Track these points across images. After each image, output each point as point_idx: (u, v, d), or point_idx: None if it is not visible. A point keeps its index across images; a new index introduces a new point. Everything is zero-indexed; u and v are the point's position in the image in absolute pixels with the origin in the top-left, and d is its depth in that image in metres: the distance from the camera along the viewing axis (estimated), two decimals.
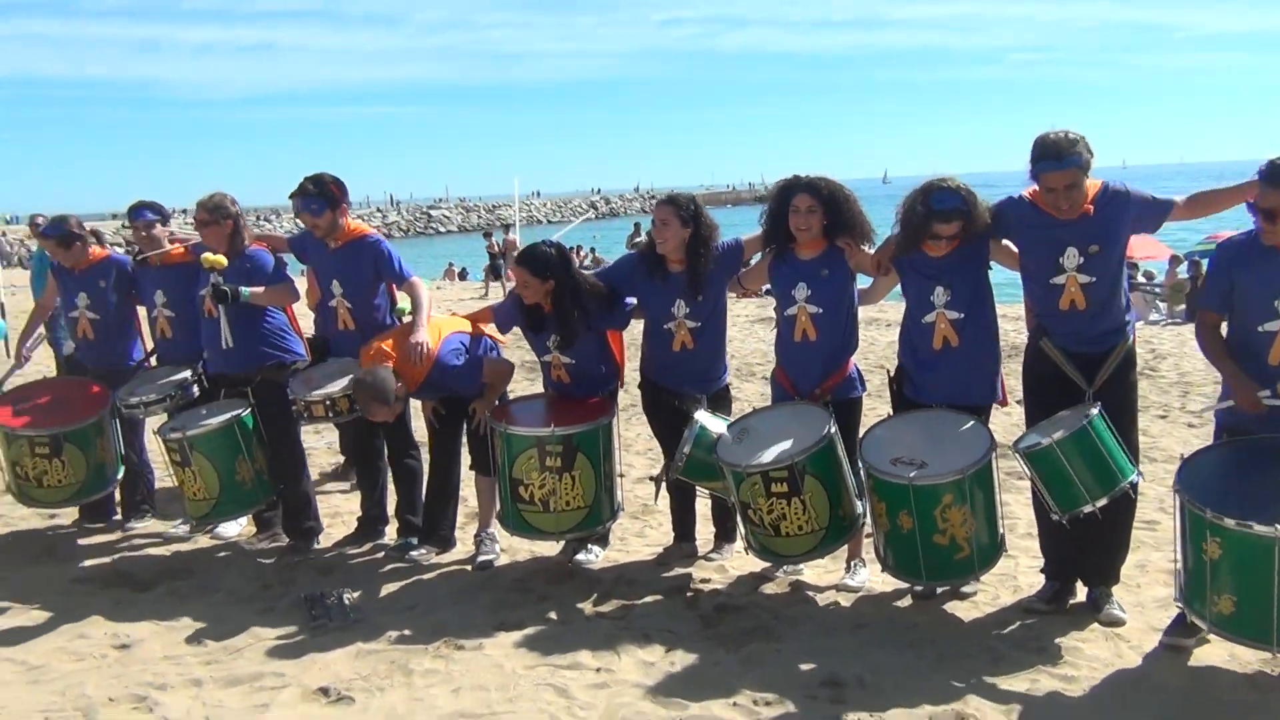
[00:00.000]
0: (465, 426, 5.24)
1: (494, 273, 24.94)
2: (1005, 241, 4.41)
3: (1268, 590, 3.45)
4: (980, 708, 3.56)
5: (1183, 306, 16.29)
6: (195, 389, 5.41)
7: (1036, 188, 4.17)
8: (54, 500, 5.53)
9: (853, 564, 4.80)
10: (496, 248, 29.72)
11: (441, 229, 74.72)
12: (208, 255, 5.12)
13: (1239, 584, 3.53)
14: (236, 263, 5.22)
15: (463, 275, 30.04)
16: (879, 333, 11.83)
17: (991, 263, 4.45)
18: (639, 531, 5.65)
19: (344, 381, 4.97)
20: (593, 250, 29.20)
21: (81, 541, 5.75)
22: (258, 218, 73.12)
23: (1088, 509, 4.01)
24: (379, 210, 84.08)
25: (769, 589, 4.73)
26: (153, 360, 5.71)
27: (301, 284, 5.62)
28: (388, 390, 4.67)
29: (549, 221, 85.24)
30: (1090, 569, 4.36)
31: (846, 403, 4.67)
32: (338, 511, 6.05)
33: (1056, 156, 4.01)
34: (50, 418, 5.41)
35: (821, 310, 4.60)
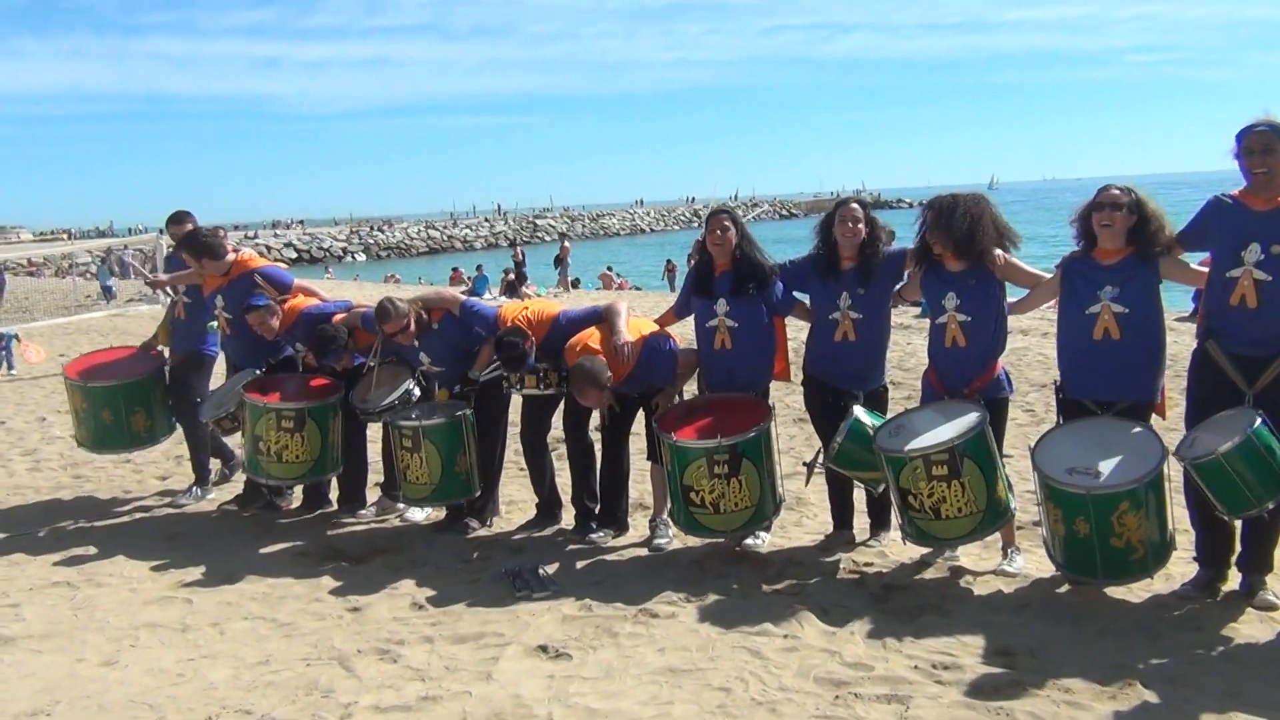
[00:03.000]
0: (635, 418, 5.77)
1: (511, 288, 25.43)
2: (1184, 258, 4.67)
3: None
4: (1146, 676, 3.88)
5: None
6: (418, 391, 6.02)
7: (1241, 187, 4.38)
8: (287, 475, 6.18)
9: (1009, 551, 5.14)
10: (521, 255, 30.68)
11: (547, 238, 75.97)
12: (441, 393, 6.00)
13: None
14: (432, 338, 6.00)
15: (575, 284, 30.90)
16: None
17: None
18: (796, 521, 6.05)
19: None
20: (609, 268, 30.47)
21: (284, 522, 6.42)
22: (371, 228, 75.58)
23: (1254, 512, 4.28)
24: (487, 220, 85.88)
25: (930, 574, 5.09)
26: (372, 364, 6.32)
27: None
28: (602, 375, 5.27)
29: (652, 230, 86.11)
30: (1245, 557, 4.62)
31: (994, 402, 5.00)
32: (513, 499, 6.60)
33: (1259, 122, 4.27)
34: (295, 396, 6.10)
35: (970, 318, 4.94)
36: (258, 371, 6.41)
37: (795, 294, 5.54)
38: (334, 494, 6.62)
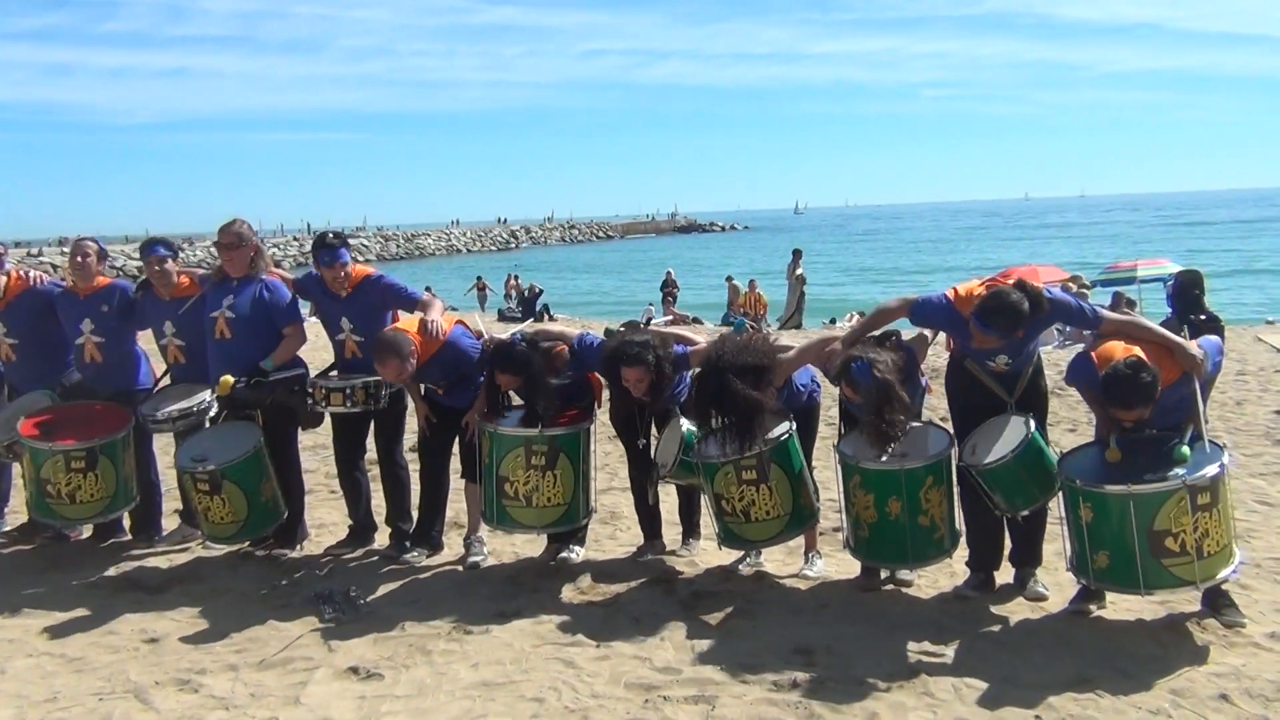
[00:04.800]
0: (456, 438, 5.72)
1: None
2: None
3: (1129, 541, 4.28)
4: (932, 666, 4.18)
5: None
6: (214, 408, 5.77)
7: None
8: (82, 516, 5.77)
9: (810, 555, 5.43)
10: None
11: (360, 258, 74.11)
12: (224, 380, 5.47)
13: (1109, 538, 4.36)
14: (253, 288, 5.65)
15: None
16: None
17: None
18: (610, 534, 6.18)
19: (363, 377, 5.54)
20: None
21: (73, 553, 6.04)
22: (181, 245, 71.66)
23: (1033, 508, 4.81)
24: (295, 238, 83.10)
25: (736, 581, 5.29)
26: (165, 381, 6.05)
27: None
28: (405, 346, 5.16)
29: (468, 251, 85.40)
30: (1016, 553, 5.04)
31: (803, 410, 5.30)
32: (323, 522, 6.46)
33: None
34: (82, 432, 5.66)
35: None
36: (49, 391, 5.99)
37: None
38: (127, 522, 6.29)
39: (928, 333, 5.12)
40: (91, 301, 5.94)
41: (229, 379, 5.47)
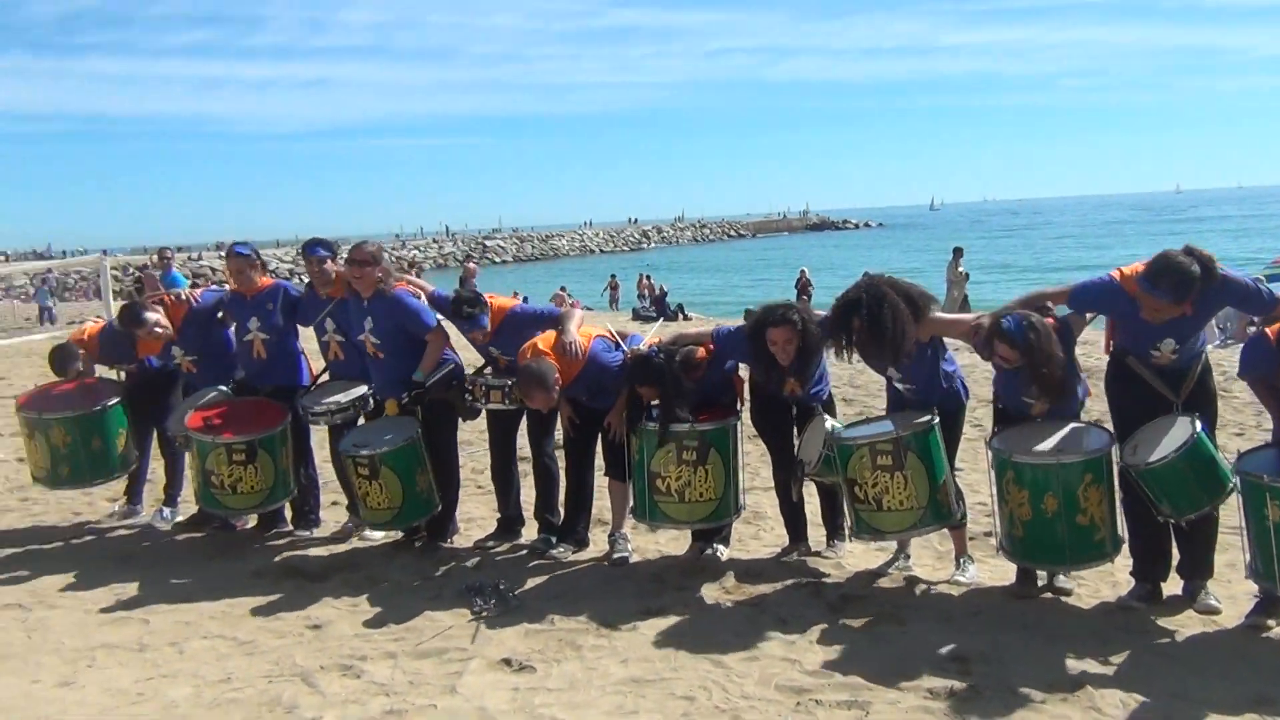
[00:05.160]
0: (600, 437, 5.79)
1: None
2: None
3: None
4: (1097, 679, 4.00)
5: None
6: (371, 403, 6.02)
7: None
8: (243, 506, 6.11)
9: (961, 560, 5.28)
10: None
11: (496, 259, 75.77)
12: (390, 404, 5.88)
13: None
14: (386, 304, 5.84)
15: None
16: None
17: None
18: (754, 534, 6.14)
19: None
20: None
21: (239, 542, 6.36)
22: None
23: (1199, 514, 4.53)
24: (435, 241, 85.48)
25: (885, 584, 5.20)
26: (324, 377, 6.33)
27: None
28: (548, 376, 5.27)
29: (601, 251, 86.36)
30: (1186, 564, 4.79)
31: (950, 407, 5.13)
32: (470, 516, 6.61)
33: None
34: (243, 427, 6.01)
35: (915, 387, 5.11)
36: (222, 388, 6.34)
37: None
38: (288, 513, 6.57)
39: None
40: (258, 301, 6.25)
41: (393, 403, 5.85)
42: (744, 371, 5.69)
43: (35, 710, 4.10)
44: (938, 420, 4.93)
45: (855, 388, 10.72)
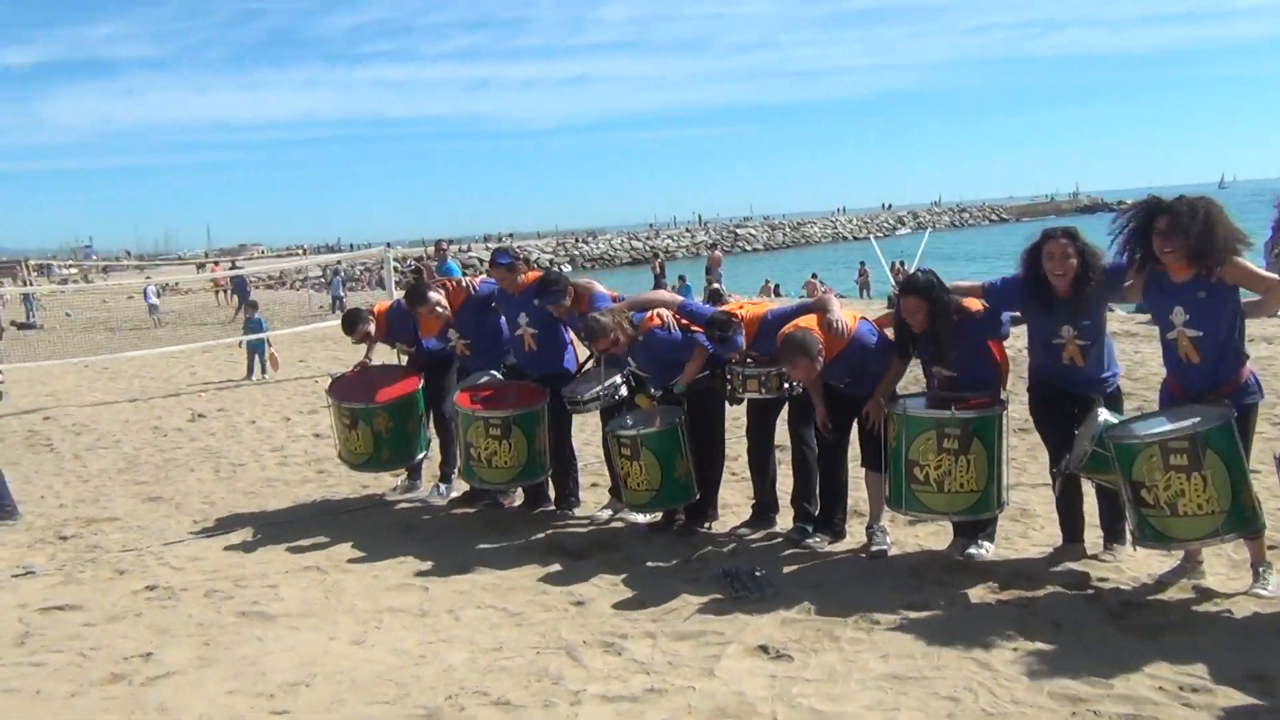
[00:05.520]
0: (853, 424, 5.68)
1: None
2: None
3: None
4: None
5: None
6: (625, 390, 6.22)
7: None
8: (498, 480, 6.48)
9: (1260, 570, 4.76)
10: (660, 268, 30.24)
11: (747, 247, 75.96)
12: (641, 399, 6.15)
13: None
14: (639, 350, 6.07)
15: (775, 291, 30.79)
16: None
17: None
18: (1022, 533, 5.83)
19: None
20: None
21: (508, 519, 6.70)
22: (576, 240, 77.80)
23: None
24: (688, 230, 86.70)
25: (1171, 593, 4.79)
26: (588, 365, 6.57)
27: None
28: (812, 346, 5.24)
29: (854, 238, 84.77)
30: None
31: (1241, 407, 4.65)
32: (725, 503, 6.65)
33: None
34: (501, 404, 6.41)
35: (1201, 333, 4.59)
36: (494, 373, 6.75)
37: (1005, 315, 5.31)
38: (552, 493, 6.86)
39: None
40: (525, 297, 6.57)
41: (645, 397, 6.09)
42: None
43: (332, 664, 4.48)
44: (1234, 413, 4.49)
45: (1135, 380, 9.98)
